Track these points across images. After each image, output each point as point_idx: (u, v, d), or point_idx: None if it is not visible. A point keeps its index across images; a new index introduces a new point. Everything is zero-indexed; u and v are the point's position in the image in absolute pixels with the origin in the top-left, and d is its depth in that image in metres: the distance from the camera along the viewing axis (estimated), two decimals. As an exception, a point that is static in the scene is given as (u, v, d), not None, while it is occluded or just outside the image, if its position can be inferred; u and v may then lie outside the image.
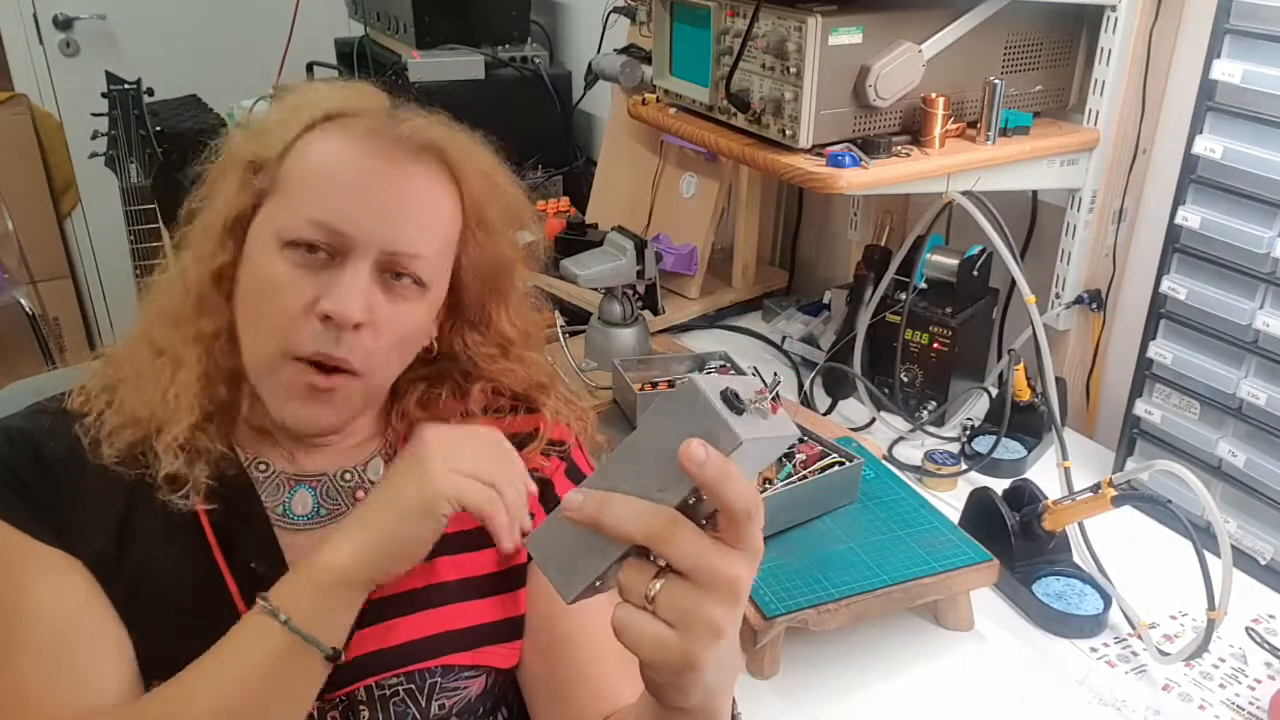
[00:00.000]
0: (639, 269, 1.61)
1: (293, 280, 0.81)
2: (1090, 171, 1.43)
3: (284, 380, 0.82)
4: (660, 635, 0.55)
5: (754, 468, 0.59)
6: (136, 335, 0.89)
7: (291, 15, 2.52)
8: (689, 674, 0.56)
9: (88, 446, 0.82)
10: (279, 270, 0.81)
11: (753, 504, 0.54)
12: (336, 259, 0.81)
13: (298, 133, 0.84)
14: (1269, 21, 1.15)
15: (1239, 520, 1.24)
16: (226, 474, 0.85)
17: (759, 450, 0.56)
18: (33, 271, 2.94)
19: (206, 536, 0.84)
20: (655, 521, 0.54)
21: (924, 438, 1.49)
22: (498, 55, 2.39)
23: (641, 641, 0.55)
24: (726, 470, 0.52)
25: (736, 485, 0.53)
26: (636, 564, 0.56)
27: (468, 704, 0.89)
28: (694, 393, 0.53)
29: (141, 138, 1.70)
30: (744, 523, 0.54)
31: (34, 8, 2.96)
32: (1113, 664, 1.09)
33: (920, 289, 1.50)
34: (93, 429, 0.83)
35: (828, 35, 1.19)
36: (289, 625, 0.76)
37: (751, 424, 0.54)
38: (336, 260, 0.81)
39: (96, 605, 0.81)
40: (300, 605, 0.77)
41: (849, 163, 1.23)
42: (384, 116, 0.87)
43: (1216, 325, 1.24)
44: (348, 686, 0.83)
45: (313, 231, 0.80)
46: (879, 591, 1.05)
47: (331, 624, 0.78)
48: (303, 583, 0.78)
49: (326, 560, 0.78)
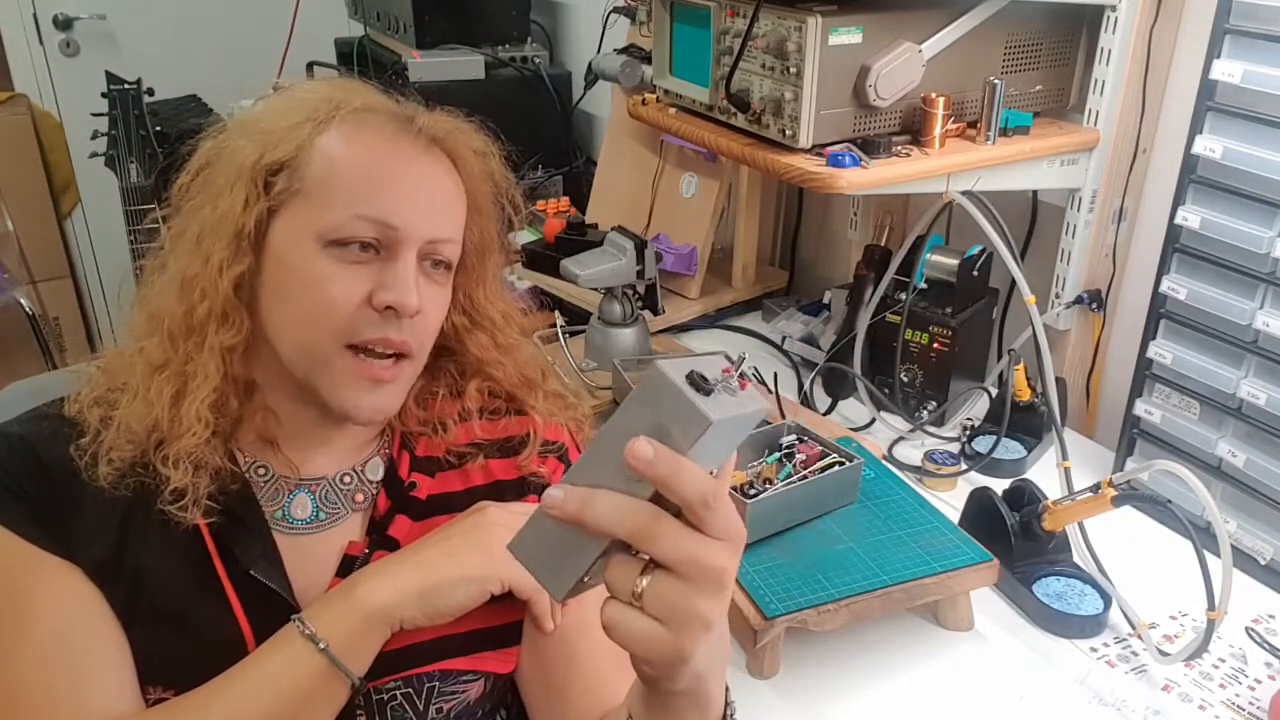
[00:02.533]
0: (639, 269, 1.61)
1: (342, 274, 0.82)
2: (1090, 171, 1.43)
3: (343, 370, 0.83)
4: (650, 631, 0.55)
5: (728, 446, 0.59)
6: (133, 347, 0.87)
7: (291, 15, 2.52)
8: (680, 666, 0.57)
9: (84, 467, 0.82)
10: (325, 267, 0.82)
11: (709, 492, 0.53)
12: (386, 254, 0.83)
13: (311, 131, 0.84)
14: (1269, 21, 1.15)
15: (1239, 520, 1.24)
16: (228, 486, 0.84)
17: (731, 429, 0.55)
18: (33, 271, 2.94)
19: (205, 543, 0.83)
20: (638, 518, 0.54)
21: (924, 438, 1.49)
22: (498, 55, 2.39)
23: (632, 638, 0.55)
24: (676, 465, 0.52)
25: (688, 478, 0.53)
26: (622, 560, 0.56)
27: (465, 708, 0.88)
28: (660, 378, 0.53)
29: (141, 138, 1.70)
30: (704, 511, 0.54)
31: (34, 8, 2.96)
32: (1113, 664, 1.09)
33: (920, 289, 1.50)
34: (89, 448, 0.82)
35: (828, 35, 1.19)
36: (327, 652, 0.78)
37: (720, 403, 0.54)
38: (386, 255, 0.83)
39: (97, 611, 0.80)
40: (337, 633, 0.79)
41: (849, 163, 1.23)
42: (395, 111, 0.89)
43: (1216, 325, 1.24)
44: None
45: (364, 228, 0.82)
46: (879, 591, 1.05)
47: (362, 654, 0.80)
48: (342, 612, 0.80)
49: (370, 594, 0.80)
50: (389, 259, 0.83)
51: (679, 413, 0.53)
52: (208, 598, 0.82)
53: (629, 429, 0.54)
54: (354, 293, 0.82)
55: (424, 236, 0.84)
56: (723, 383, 0.55)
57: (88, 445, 0.83)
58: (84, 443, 0.83)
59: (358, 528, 0.90)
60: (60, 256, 3.05)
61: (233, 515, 0.84)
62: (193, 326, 0.84)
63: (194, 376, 0.83)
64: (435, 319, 0.89)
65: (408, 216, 0.83)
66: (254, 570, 0.83)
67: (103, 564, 0.81)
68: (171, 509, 0.81)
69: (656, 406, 0.54)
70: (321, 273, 0.82)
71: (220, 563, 0.83)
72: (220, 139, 0.87)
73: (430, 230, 0.85)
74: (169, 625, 0.81)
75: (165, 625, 0.81)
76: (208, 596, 0.82)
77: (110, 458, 0.82)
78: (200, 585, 0.83)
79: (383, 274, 0.83)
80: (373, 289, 0.82)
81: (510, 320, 0.99)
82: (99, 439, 0.83)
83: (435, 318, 0.89)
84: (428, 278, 0.87)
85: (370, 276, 0.83)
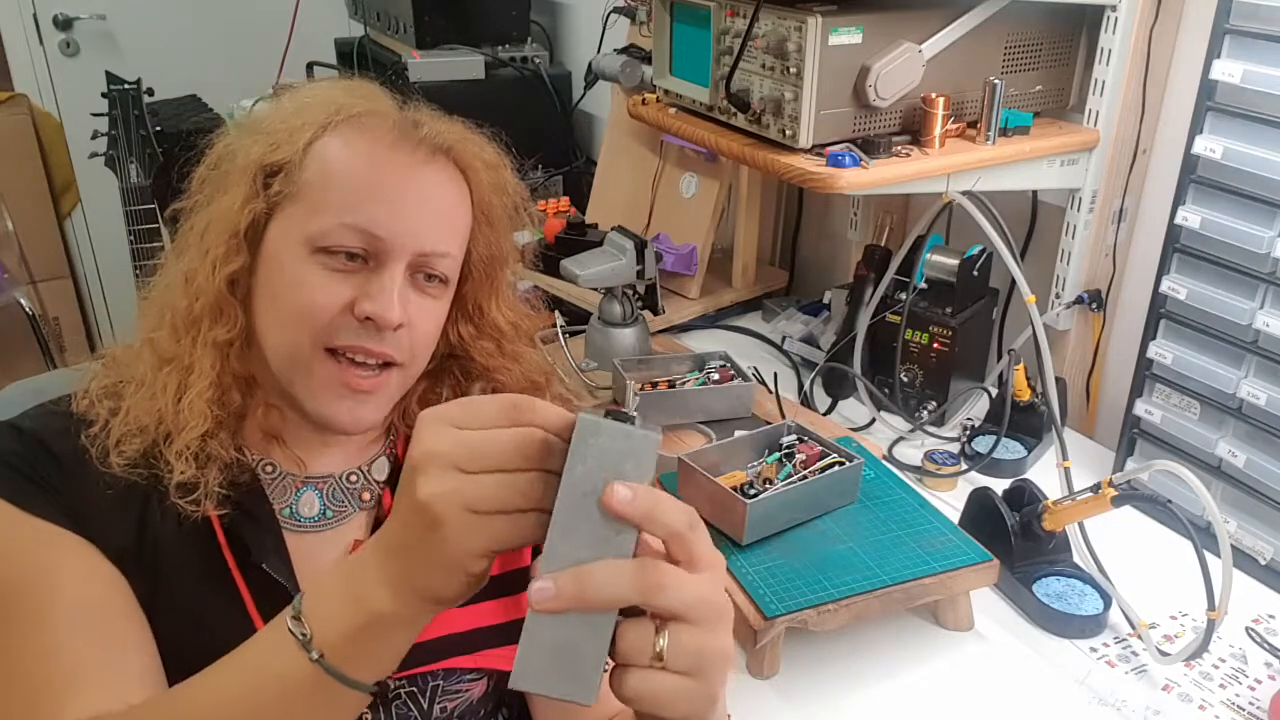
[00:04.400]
0: (639, 269, 1.61)
1: (327, 281, 0.81)
2: (1090, 171, 1.43)
3: (319, 375, 0.83)
4: (681, 687, 0.53)
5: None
6: (140, 341, 0.88)
7: (291, 15, 2.53)
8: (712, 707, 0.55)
9: (96, 456, 0.81)
10: (311, 273, 0.82)
11: (689, 513, 0.53)
12: (370, 263, 0.82)
13: (312, 135, 0.84)
14: (1269, 21, 1.15)
15: (1239, 520, 1.24)
16: (238, 479, 0.84)
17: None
18: (33, 271, 2.95)
19: (218, 538, 0.83)
20: (644, 576, 0.52)
21: (924, 438, 1.49)
22: (498, 55, 2.39)
23: (664, 701, 0.53)
24: (654, 497, 0.52)
25: (667, 505, 0.52)
26: (631, 625, 0.53)
27: (469, 706, 0.89)
28: (593, 425, 0.53)
29: (141, 138, 1.70)
30: (691, 534, 0.53)
31: (34, 8, 2.96)
32: (1113, 664, 1.09)
33: (920, 289, 1.50)
34: (99, 438, 0.82)
35: (828, 35, 1.19)
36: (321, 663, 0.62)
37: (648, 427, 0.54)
38: (371, 264, 0.82)
39: (123, 592, 0.80)
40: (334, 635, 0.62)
41: (849, 163, 1.23)
42: (399, 118, 0.88)
43: (1216, 325, 1.24)
44: None
45: (349, 237, 0.81)
46: (879, 591, 1.05)
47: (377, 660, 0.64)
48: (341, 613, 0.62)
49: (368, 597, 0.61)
50: (375, 269, 0.82)
51: (628, 448, 0.52)
52: (220, 593, 0.82)
53: (585, 489, 0.52)
54: (336, 300, 0.81)
55: (414, 249, 0.83)
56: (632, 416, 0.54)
57: (98, 435, 0.83)
58: (94, 432, 0.83)
59: (364, 527, 0.90)
60: (60, 256, 3.05)
61: (244, 510, 0.84)
62: (191, 321, 0.84)
63: (192, 370, 0.84)
64: (426, 331, 0.87)
65: (396, 228, 0.82)
66: (266, 565, 0.83)
67: (123, 552, 0.81)
68: (182, 502, 0.80)
69: (600, 455, 0.53)
70: (306, 278, 0.82)
71: (232, 557, 0.83)
72: (232, 135, 0.88)
73: (421, 243, 0.83)
74: (181, 619, 0.81)
75: (177, 619, 0.81)
76: (220, 591, 0.82)
77: (121, 449, 0.82)
78: (213, 580, 0.82)
79: (367, 284, 0.82)
80: (355, 297, 0.81)
81: (520, 330, 0.98)
82: (108, 429, 0.83)
83: (426, 330, 0.87)
84: (419, 290, 0.85)
85: (355, 285, 0.82)
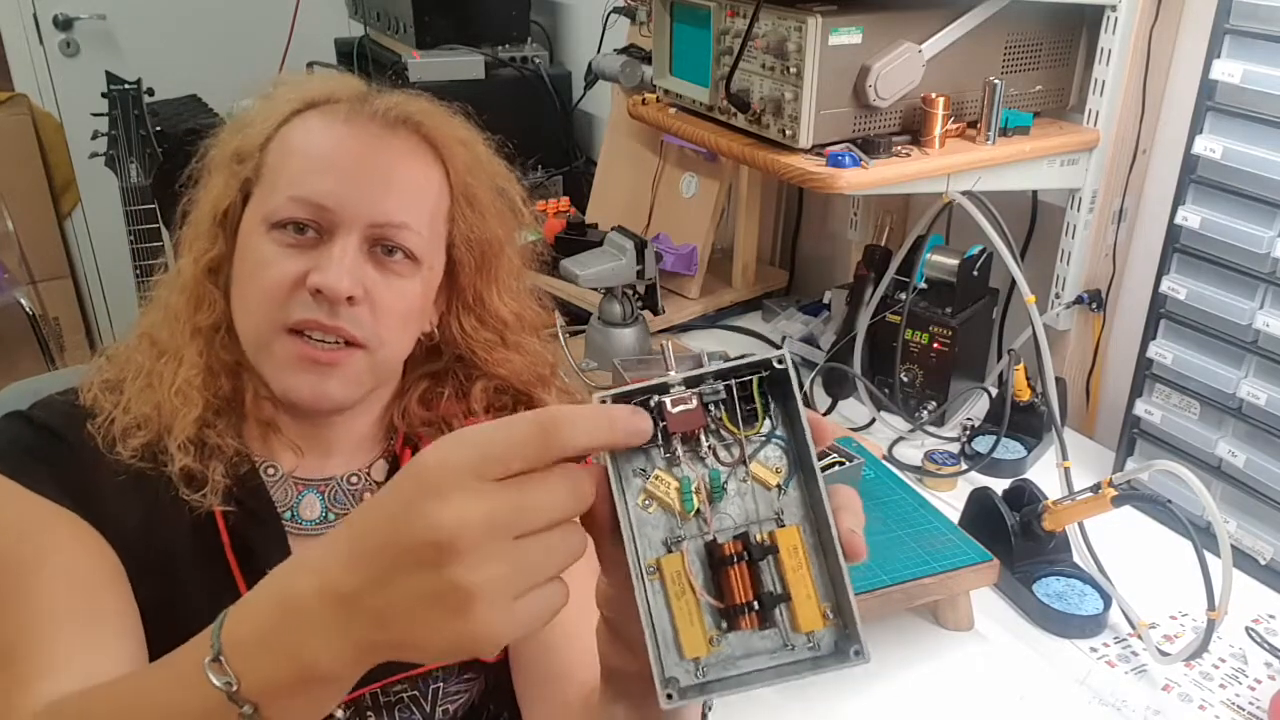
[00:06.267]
0: (639, 269, 1.61)
1: (279, 257, 0.81)
2: (1090, 171, 1.42)
3: (279, 354, 0.82)
4: None
5: None
6: (139, 334, 0.89)
7: (291, 15, 2.53)
8: None
9: (103, 446, 0.82)
10: (267, 250, 0.82)
11: None
12: (325, 237, 0.82)
13: (279, 121, 0.86)
14: (1269, 21, 1.15)
15: (1239, 520, 1.24)
16: (241, 473, 0.84)
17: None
18: (33, 271, 2.94)
19: (221, 538, 0.83)
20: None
21: (924, 438, 1.49)
22: (498, 55, 2.39)
23: None
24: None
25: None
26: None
27: (471, 708, 0.89)
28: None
29: (141, 138, 1.70)
30: None
31: (34, 8, 2.96)
32: (1113, 664, 1.09)
33: (920, 289, 1.50)
34: (105, 429, 0.83)
35: (828, 35, 1.19)
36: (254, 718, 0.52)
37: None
38: (325, 238, 0.82)
39: (115, 573, 0.79)
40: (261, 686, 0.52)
41: (849, 163, 1.23)
42: (360, 96, 0.88)
43: (1216, 325, 1.24)
44: (354, 692, 0.83)
45: (297, 209, 0.81)
46: (879, 591, 1.05)
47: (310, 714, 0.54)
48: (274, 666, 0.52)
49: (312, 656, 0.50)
50: (327, 242, 0.82)
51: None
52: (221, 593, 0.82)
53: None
54: (288, 275, 0.81)
55: (366, 219, 0.82)
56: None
57: (103, 424, 0.83)
58: (99, 422, 0.83)
59: None
60: (60, 256, 3.05)
61: (248, 510, 0.84)
62: (179, 311, 0.86)
63: (183, 360, 0.85)
64: (394, 310, 0.84)
65: (345, 198, 0.81)
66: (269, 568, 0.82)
67: (129, 537, 0.81)
68: (190, 496, 0.81)
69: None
70: (263, 256, 0.82)
71: (234, 557, 0.83)
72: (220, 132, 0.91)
73: (375, 214, 0.82)
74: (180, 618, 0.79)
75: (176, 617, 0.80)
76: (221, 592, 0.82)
77: (125, 439, 0.82)
78: (216, 581, 0.83)
79: (319, 257, 0.81)
80: (308, 270, 0.81)
81: (524, 321, 0.97)
82: (111, 419, 0.83)
83: (393, 309, 0.84)
84: (380, 266, 0.83)
85: (308, 260, 0.81)
